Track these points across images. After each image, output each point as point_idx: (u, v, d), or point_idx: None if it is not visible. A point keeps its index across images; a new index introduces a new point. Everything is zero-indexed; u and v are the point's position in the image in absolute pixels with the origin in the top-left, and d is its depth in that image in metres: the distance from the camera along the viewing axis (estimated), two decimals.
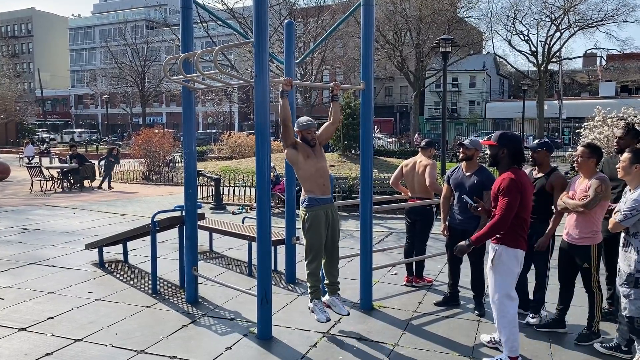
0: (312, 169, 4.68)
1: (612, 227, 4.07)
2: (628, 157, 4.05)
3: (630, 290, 3.97)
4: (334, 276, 4.94)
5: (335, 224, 4.84)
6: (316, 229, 4.67)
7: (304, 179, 4.71)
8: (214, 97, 36.98)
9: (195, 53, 4.78)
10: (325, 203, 4.74)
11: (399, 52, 34.15)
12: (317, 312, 4.75)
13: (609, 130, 13.71)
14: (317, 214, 4.68)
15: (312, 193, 4.70)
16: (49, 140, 47.23)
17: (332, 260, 4.91)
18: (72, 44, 75.27)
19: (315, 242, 4.70)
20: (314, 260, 4.74)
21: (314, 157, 4.72)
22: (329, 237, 4.80)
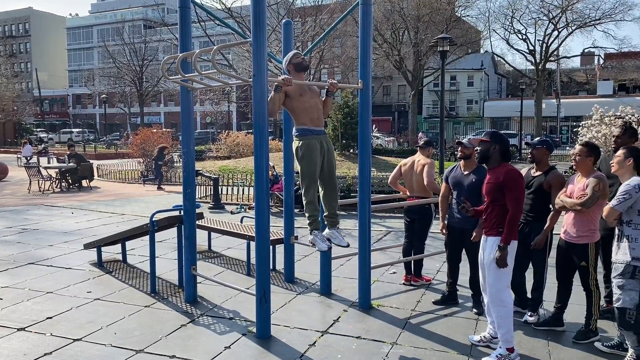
0: (306, 104, 4.70)
1: (606, 214, 4.10)
2: (622, 152, 4.15)
3: (625, 280, 4.00)
4: (333, 207, 4.93)
5: (330, 154, 4.83)
6: (310, 156, 4.67)
7: (297, 113, 4.71)
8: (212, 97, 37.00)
9: (193, 53, 4.78)
10: (319, 134, 4.75)
11: (397, 51, 34.16)
12: (317, 243, 4.79)
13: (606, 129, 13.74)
14: (310, 142, 4.69)
15: (305, 124, 4.71)
16: (47, 140, 47.22)
17: (331, 190, 4.90)
18: (70, 44, 75.13)
19: (309, 170, 4.70)
20: (310, 187, 4.74)
21: (307, 92, 4.74)
22: (325, 167, 4.79)
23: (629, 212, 4.00)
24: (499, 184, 4.16)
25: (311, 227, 4.85)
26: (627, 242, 4.02)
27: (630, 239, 4.01)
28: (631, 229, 4.01)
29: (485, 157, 4.31)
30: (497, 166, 4.27)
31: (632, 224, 4.01)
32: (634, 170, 4.07)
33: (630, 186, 3.95)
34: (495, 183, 4.19)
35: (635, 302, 3.99)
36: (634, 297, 3.99)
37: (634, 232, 4.00)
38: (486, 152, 4.29)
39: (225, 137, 28.04)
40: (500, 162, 4.28)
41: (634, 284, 3.98)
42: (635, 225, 4.00)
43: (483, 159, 4.34)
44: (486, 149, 4.29)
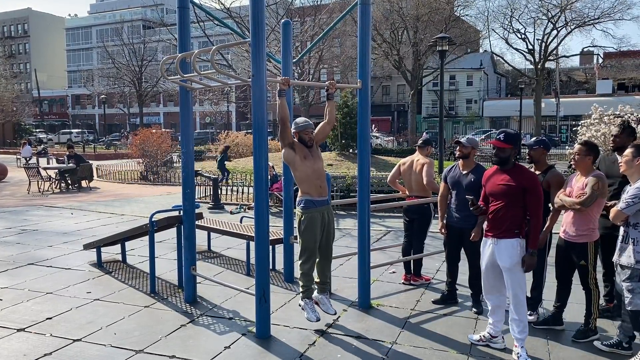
0: (309, 170, 4.69)
1: (613, 217, 4.10)
2: (631, 152, 4.11)
3: (634, 284, 4.00)
4: (326, 276, 4.99)
5: (330, 226, 4.86)
6: (311, 230, 4.70)
7: (301, 180, 4.73)
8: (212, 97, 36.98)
9: (192, 53, 4.79)
10: (322, 205, 4.76)
11: (396, 51, 34.19)
12: (307, 311, 4.80)
13: (606, 128, 13.73)
14: (313, 216, 4.70)
15: (309, 195, 4.71)
16: (46, 141, 47.20)
17: (326, 261, 4.95)
18: (69, 44, 75.12)
19: (310, 244, 4.73)
20: (308, 260, 4.77)
21: (310, 158, 4.73)
22: (323, 239, 4.83)
23: (636, 215, 4.00)
24: (520, 186, 4.10)
25: (303, 295, 4.88)
26: (632, 245, 4.02)
27: (636, 242, 4.00)
28: (637, 231, 4.01)
29: (505, 161, 4.22)
30: (512, 167, 4.22)
31: (638, 226, 4.01)
32: None
33: (639, 190, 3.95)
34: (517, 185, 4.11)
35: None
36: None
37: (639, 235, 4.00)
38: (509, 158, 4.22)
39: (224, 137, 28.05)
40: (514, 164, 4.25)
41: None
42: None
43: (503, 163, 4.24)
44: (507, 155, 4.21)
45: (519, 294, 4.22)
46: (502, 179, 4.21)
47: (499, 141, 4.22)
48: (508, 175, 4.19)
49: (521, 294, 4.22)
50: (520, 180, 4.13)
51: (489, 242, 4.30)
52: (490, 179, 4.34)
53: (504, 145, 4.19)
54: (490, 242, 4.29)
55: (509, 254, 4.17)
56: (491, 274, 4.36)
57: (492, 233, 4.27)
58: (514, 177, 4.16)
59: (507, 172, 4.22)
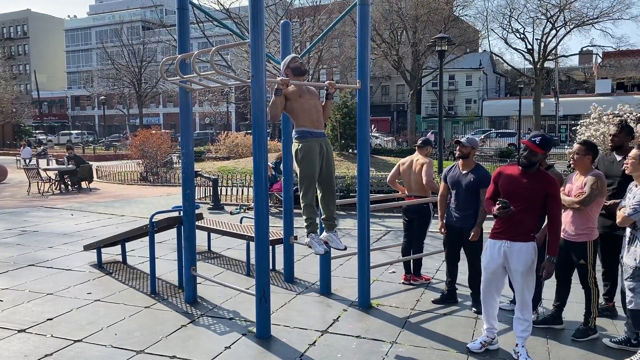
0: (306, 105, 4.68)
1: (620, 222, 4.11)
2: (637, 154, 4.10)
3: (635, 283, 4.02)
4: (331, 210, 4.90)
5: (329, 157, 4.81)
6: (309, 159, 4.64)
7: (297, 114, 4.69)
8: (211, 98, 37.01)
9: (191, 54, 4.80)
10: (319, 136, 4.73)
11: (395, 51, 34.21)
12: (314, 246, 4.76)
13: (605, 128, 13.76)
14: (310, 144, 4.66)
15: (305, 126, 4.69)
16: (46, 142, 47.18)
17: (329, 193, 4.87)
18: (69, 45, 75.11)
19: (308, 172, 4.67)
20: (308, 190, 4.71)
21: (306, 94, 4.72)
22: (323, 169, 4.77)
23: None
24: (543, 191, 4.01)
25: (308, 229, 4.82)
26: (638, 247, 4.03)
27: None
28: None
29: (533, 165, 4.07)
30: (536, 171, 4.10)
31: None
32: None
33: None
34: (540, 190, 4.01)
35: None
36: None
37: None
38: (537, 162, 4.08)
39: (224, 138, 28.04)
40: (538, 168, 4.12)
41: None
42: None
43: (530, 166, 4.08)
44: (538, 159, 4.07)
45: (527, 296, 4.18)
46: (525, 182, 4.05)
47: (533, 144, 4.02)
48: (530, 178, 4.05)
49: (528, 296, 4.19)
50: (544, 185, 4.02)
51: (499, 244, 4.16)
52: (510, 180, 4.13)
53: (537, 150, 4.02)
54: (502, 245, 4.14)
55: (524, 258, 4.09)
56: (495, 277, 4.27)
57: (505, 235, 4.12)
58: (537, 182, 4.03)
59: (529, 175, 4.07)
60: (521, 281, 4.14)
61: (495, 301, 4.40)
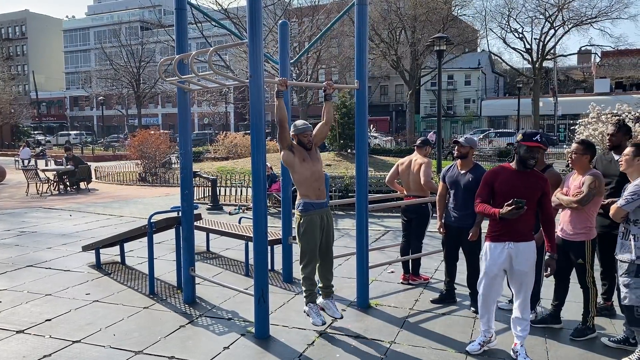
0: (308, 173, 4.69)
1: (613, 214, 4.12)
2: (631, 151, 4.14)
3: (630, 279, 4.03)
4: (328, 280, 4.98)
5: (329, 228, 4.87)
6: (311, 233, 4.70)
7: (300, 182, 4.73)
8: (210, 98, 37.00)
9: (190, 54, 4.79)
10: (320, 208, 4.76)
11: (394, 51, 34.23)
12: (312, 316, 4.79)
13: (603, 127, 13.77)
14: (312, 218, 4.70)
15: (308, 197, 4.72)
16: (44, 143, 47.15)
17: (327, 264, 4.94)
18: (67, 46, 75.07)
19: (309, 247, 4.73)
20: (309, 264, 4.77)
21: (309, 160, 4.73)
22: (323, 241, 4.83)
23: (635, 212, 4.03)
24: (540, 189, 4.05)
25: (307, 299, 4.87)
26: (633, 241, 4.05)
27: (636, 238, 4.03)
28: (637, 228, 4.04)
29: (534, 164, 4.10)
30: (531, 170, 4.10)
31: (638, 223, 4.04)
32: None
33: (638, 187, 3.97)
34: (538, 188, 4.04)
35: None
36: (639, 295, 4.01)
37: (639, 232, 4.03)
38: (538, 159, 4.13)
39: (223, 138, 28.04)
40: None
41: (638, 282, 4.01)
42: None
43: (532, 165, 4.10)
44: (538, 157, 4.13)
45: (528, 296, 4.20)
46: (524, 181, 4.04)
47: (538, 142, 4.01)
48: (527, 177, 4.06)
49: (529, 296, 4.21)
50: (540, 183, 4.05)
51: (502, 246, 4.11)
52: (509, 181, 4.09)
53: (544, 147, 4.06)
54: (505, 247, 4.09)
55: (528, 257, 4.10)
56: (497, 281, 4.24)
57: (508, 237, 4.07)
58: (535, 180, 4.05)
59: (525, 174, 4.07)
60: (523, 281, 4.15)
61: (495, 304, 4.40)
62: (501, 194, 4.09)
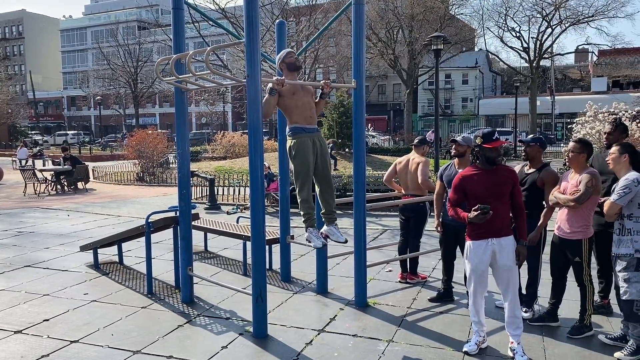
0: (299, 102, 4.70)
1: (607, 209, 4.16)
2: (616, 149, 4.22)
3: (630, 273, 4.07)
4: (330, 204, 4.92)
5: (324, 152, 4.83)
6: (303, 154, 4.66)
7: (290, 111, 4.71)
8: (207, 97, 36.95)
9: (187, 54, 4.80)
10: (312, 132, 4.74)
11: (391, 50, 34.24)
12: (313, 240, 4.77)
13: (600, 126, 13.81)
14: (303, 140, 4.68)
15: (298, 123, 4.71)
16: (42, 143, 47.05)
17: (326, 187, 4.89)
18: (64, 46, 74.89)
19: (303, 168, 4.68)
20: (304, 186, 4.72)
21: (300, 92, 4.73)
22: (319, 165, 4.79)
23: (629, 206, 4.08)
24: (511, 182, 4.18)
25: (306, 224, 4.84)
26: (630, 235, 4.10)
27: (632, 232, 4.10)
28: (632, 222, 4.10)
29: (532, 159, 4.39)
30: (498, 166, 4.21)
31: (633, 217, 4.10)
32: (629, 165, 4.14)
33: (629, 180, 4.03)
34: (510, 182, 4.17)
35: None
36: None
37: (636, 225, 4.09)
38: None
39: (220, 138, 28.02)
40: None
41: (639, 276, 4.04)
42: (636, 218, 4.09)
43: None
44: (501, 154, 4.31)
45: (516, 292, 4.25)
46: (494, 178, 4.15)
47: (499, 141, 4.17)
48: (496, 174, 4.17)
49: (517, 293, 4.27)
50: (509, 175, 4.19)
51: (485, 243, 4.18)
52: (477, 182, 4.16)
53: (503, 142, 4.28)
54: (488, 244, 4.17)
55: (510, 251, 4.18)
56: (484, 278, 4.30)
57: (491, 234, 4.15)
58: (502, 175, 4.17)
59: (492, 172, 4.17)
60: (510, 277, 4.21)
61: (483, 301, 4.44)
62: (474, 196, 4.18)
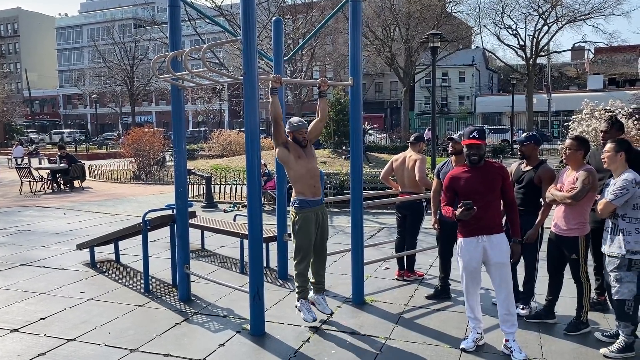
0: (303, 170, 4.70)
1: (602, 208, 4.15)
2: (612, 147, 4.17)
3: (622, 274, 4.07)
4: (321, 276, 5.01)
5: (324, 225, 4.89)
6: (306, 230, 4.72)
7: (295, 179, 4.74)
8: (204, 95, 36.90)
9: (183, 51, 4.78)
10: (316, 205, 4.78)
11: (388, 48, 34.23)
12: (303, 312, 4.81)
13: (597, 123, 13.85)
14: (307, 216, 4.71)
15: (303, 195, 4.73)
16: (37, 141, 46.92)
17: (320, 260, 4.97)
18: (60, 44, 74.61)
19: (304, 244, 4.74)
20: (303, 261, 4.79)
21: (304, 157, 4.74)
22: (317, 238, 4.85)
23: (624, 207, 4.07)
24: (501, 177, 4.21)
25: (299, 295, 4.89)
26: (622, 235, 4.08)
27: (625, 232, 4.07)
28: (625, 222, 4.08)
29: (482, 158, 4.22)
30: (485, 163, 4.25)
31: (626, 217, 4.08)
32: (626, 163, 4.12)
33: (627, 181, 4.00)
34: (499, 177, 4.19)
35: (634, 293, 4.07)
36: (632, 289, 4.06)
37: (628, 226, 4.07)
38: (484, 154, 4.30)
39: (217, 136, 27.98)
40: None
41: (631, 276, 4.06)
42: (630, 219, 4.07)
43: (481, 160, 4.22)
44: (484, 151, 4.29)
45: (510, 290, 4.25)
46: (483, 176, 4.17)
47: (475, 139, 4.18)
48: (484, 171, 4.19)
49: (512, 290, 4.27)
50: (499, 171, 4.22)
51: (476, 240, 4.19)
52: (465, 180, 4.19)
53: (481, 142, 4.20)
54: (479, 241, 4.18)
55: (502, 248, 4.19)
56: (477, 275, 4.31)
57: (479, 231, 4.16)
58: (491, 172, 4.20)
59: (481, 169, 4.20)
60: (502, 274, 4.21)
61: (478, 297, 4.44)
62: (463, 194, 4.19)
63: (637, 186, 4.00)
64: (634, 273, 4.06)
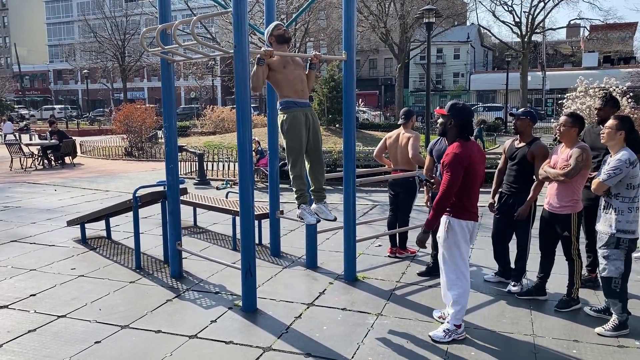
0: (290, 76, 4.59)
1: (595, 188, 4.14)
2: (615, 124, 4.11)
3: (609, 251, 4.08)
4: (320, 181, 4.86)
5: (316, 127, 4.74)
6: (295, 129, 4.56)
7: (281, 85, 4.60)
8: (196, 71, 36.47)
9: (172, 24, 4.67)
10: (303, 106, 4.65)
11: (382, 24, 33.85)
12: (305, 216, 4.72)
13: (591, 101, 13.81)
14: (295, 114, 4.57)
15: (289, 97, 4.60)
16: (28, 117, 46.40)
17: (317, 164, 4.82)
18: (49, 18, 73.25)
19: (295, 144, 4.59)
20: (296, 162, 4.64)
21: (290, 65, 4.63)
22: (310, 140, 4.70)
23: (617, 186, 4.06)
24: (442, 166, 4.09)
25: (299, 201, 4.76)
26: (614, 214, 4.08)
27: (617, 211, 4.07)
28: (619, 201, 4.07)
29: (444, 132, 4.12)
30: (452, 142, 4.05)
31: (619, 196, 4.07)
32: (624, 142, 4.09)
33: (621, 161, 3.98)
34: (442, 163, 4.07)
35: (621, 271, 4.08)
36: (619, 267, 4.08)
37: (621, 205, 4.06)
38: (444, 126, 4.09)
39: (210, 113, 27.75)
40: (456, 138, 4.04)
41: (618, 253, 4.07)
42: (623, 198, 4.06)
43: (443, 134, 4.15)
44: (444, 122, 4.09)
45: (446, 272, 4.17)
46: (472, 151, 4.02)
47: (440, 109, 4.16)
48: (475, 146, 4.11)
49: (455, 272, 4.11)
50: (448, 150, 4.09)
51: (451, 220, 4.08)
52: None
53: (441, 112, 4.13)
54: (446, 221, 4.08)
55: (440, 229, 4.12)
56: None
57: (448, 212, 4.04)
58: None
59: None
60: None
61: None
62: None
63: (631, 166, 3.98)
64: (622, 251, 4.08)
